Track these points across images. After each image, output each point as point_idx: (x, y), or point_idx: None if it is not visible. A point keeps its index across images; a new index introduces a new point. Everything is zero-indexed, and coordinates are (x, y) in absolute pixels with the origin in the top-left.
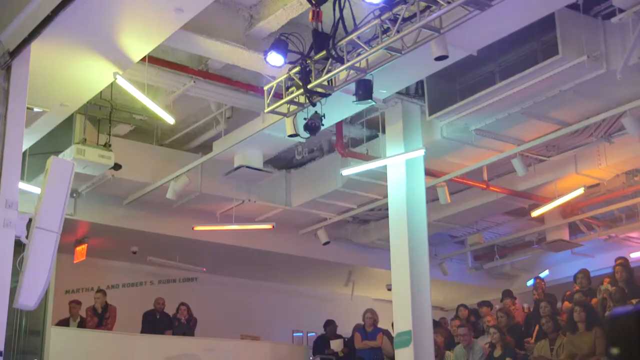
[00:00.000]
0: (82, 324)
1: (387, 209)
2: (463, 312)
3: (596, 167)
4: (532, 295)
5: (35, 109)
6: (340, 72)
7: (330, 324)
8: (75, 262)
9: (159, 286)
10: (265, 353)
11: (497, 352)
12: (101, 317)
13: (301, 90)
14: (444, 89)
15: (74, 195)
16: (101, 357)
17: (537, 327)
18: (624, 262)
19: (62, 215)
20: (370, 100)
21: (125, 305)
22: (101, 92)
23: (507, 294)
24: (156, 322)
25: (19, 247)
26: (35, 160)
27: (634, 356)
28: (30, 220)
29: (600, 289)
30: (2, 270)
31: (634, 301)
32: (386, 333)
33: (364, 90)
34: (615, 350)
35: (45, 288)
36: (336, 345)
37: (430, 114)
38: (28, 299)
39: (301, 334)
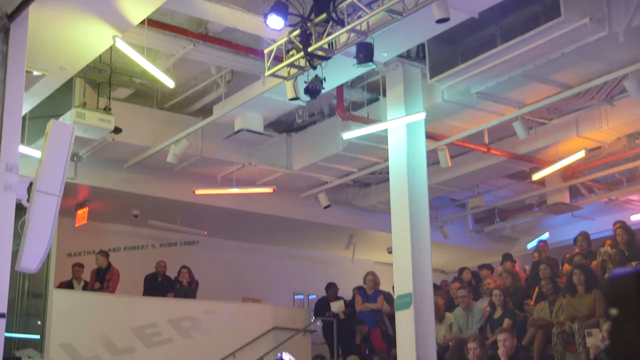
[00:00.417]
0: (85, 288)
1: (387, 173)
2: (467, 275)
3: (597, 130)
4: (532, 258)
5: (35, 73)
6: (340, 35)
7: (331, 287)
8: (76, 225)
9: (160, 249)
10: (267, 315)
11: (497, 314)
12: (102, 279)
13: (301, 54)
14: (445, 52)
15: (75, 159)
16: (103, 319)
17: (536, 289)
18: (623, 225)
19: (63, 178)
20: (371, 64)
21: (126, 268)
22: (100, 55)
23: (507, 257)
24: (158, 284)
25: (20, 210)
26: (35, 123)
27: (633, 317)
28: (31, 183)
29: (600, 251)
30: (3, 233)
31: (633, 263)
32: (387, 295)
33: (365, 53)
34: (614, 311)
35: (47, 251)
36: (336, 306)
37: (431, 77)
38: (30, 262)
39: (302, 296)
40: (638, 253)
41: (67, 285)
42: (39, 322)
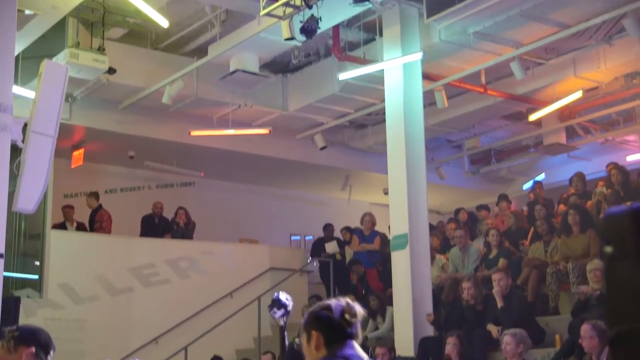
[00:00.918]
0: (78, 229)
1: (384, 113)
2: (463, 215)
3: (595, 70)
4: (527, 199)
5: (26, 12)
6: None
7: (328, 227)
8: (72, 167)
9: (157, 191)
10: (264, 256)
11: (492, 254)
12: (92, 223)
13: None
14: None
15: (69, 99)
16: (100, 260)
17: (531, 230)
18: (617, 166)
19: (58, 119)
20: (367, 2)
21: (123, 209)
22: None
23: (503, 197)
24: (154, 226)
25: (16, 151)
26: (29, 64)
27: (628, 255)
28: (25, 124)
29: (595, 191)
30: None
31: (629, 203)
32: (382, 236)
33: None
34: (609, 249)
35: (43, 192)
36: (330, 247)
37: (428, 17)
38: (26, 203)
39: (299, 237)
40: (633, 193)
41: (60, 227)
42: (37, 263)
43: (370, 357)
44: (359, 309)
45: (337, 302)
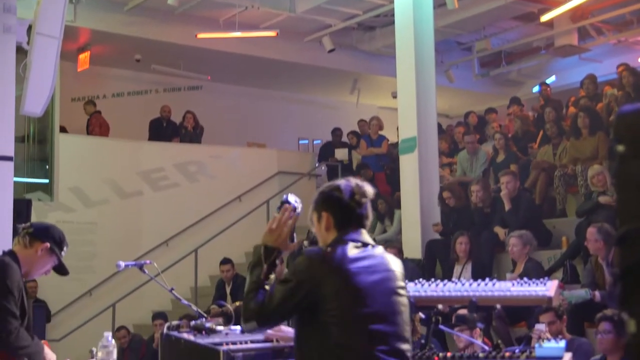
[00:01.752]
0: None
1: (393, 15)
2: (472, 119)
3: None
4: (537, 102)
5: None
6: None
7: (337, 131)
8: (78, 70)
9: (164, 94)
10: (272, 160)
11: (500, 157)
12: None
13: None
14: None
15: (73, 0)
16: (110, 164)
17: (541, 133)
18: (628, 67)
19: (62, 20)
20: None
21: (131, 113)
22: None
23: (515, 100)
24: (163, 129)
25: (21, 54)
26: None
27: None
28: (30, 26)
29: (606, 93)
30: (5, 77)
31: None
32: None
33: None
34: (621, 148)
35: (50, 94)
36: (340, 153)
37: None
38: (34, 106)
39: (307, 141)
40: None
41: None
42: (47, 167)
43: None
44: (368, 189)
45: (347, 183)
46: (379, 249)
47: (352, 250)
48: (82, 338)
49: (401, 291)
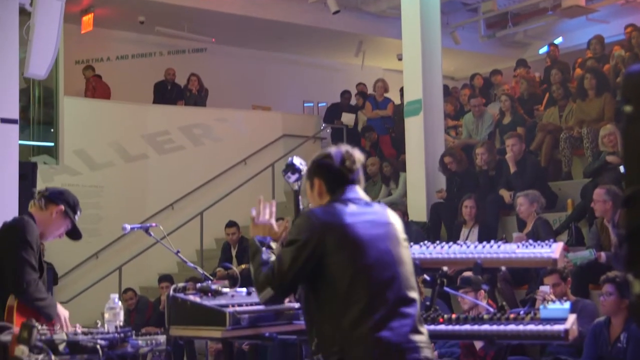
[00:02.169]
0: None
1: None
2: (478, 81)
3: None
4: (543, 63)
5: None
6: None
7: (346, 94)
8: (82, 32)
9: (169, 57)
10: (277, 123)
11: (507, 120)
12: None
13: None
14: None
15: None
16: (115, 127)
17: (547, 95)
18: (636, 27)
19: None
20: None
21: (135, 76)
22: None
23: (521, 62)
24: (167, 92)
25: (24, 16)
26: None
27: None
28: None
29: (613, 55)
30: (9, 38)
31: None
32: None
33: None
34: (628, 108)
35: (54, 57)
36: (346, 118)
37: None
38: (38, 68)
39: (312, 104)
40: None
41: None
42: (52, 130)
43: None
44: (358, 156)
45: (337, 150)
46: (378, 205)
47: (351, 206)
48: (89, 300)
49: (404, 242)
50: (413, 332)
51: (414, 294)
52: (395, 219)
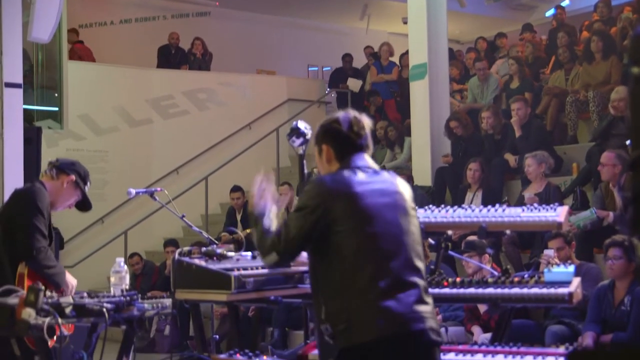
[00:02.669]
0: None
1: None
2: (482, 45)
3: None
4: (550, 27)
5: None
6: None
7: (347, 57)
8: None
9: (172, 21)
10: (281, 87)
11: (514, 84)
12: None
13: None
14: None
15: None
16: (119, 91)
17: (553, 58)
18: None
19: None
20: None
21: (139, 40)
22: None
23: (527, 27)
24: (171, 56)
25: None
26: None
27: None
28: None
29: (620, 17)
30: (12, 2)
31: None
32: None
33: None
34: (636, 70)
35: (57, 21)
36: (352, 83)
37: None
38: (41, 32)
39: (316, 68)
40: None
41: None
42: (56, 95)
43: None
44: (366, 121)
45: (345, 115)
46: (387, 173)
47: (360, 175)
48: (95, 265)
49: (412, 212)
50: (418, 302)
51: (420, 264)
52: (404, 188)
